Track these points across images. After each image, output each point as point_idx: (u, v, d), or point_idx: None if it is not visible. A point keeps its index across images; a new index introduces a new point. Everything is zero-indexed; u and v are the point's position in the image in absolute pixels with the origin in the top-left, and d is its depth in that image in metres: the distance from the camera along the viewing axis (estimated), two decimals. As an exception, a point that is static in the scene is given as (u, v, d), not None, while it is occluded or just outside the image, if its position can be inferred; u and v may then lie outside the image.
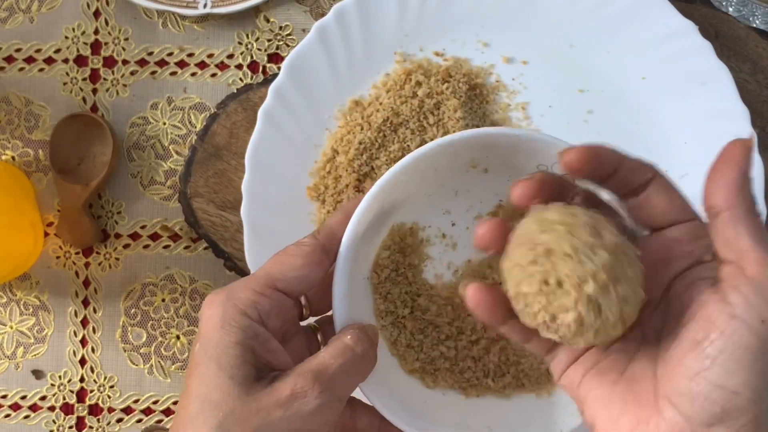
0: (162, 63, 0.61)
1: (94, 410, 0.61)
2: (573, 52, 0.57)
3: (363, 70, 0.57)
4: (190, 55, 0.61)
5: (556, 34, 0.57)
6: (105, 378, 0.60)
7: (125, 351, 0.60)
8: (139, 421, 0.60)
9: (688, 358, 0.28)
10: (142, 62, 0.61)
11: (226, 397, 0.33)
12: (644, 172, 0.32)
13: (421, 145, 0.56)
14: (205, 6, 0.59)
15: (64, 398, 0.61)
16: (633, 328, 0.31)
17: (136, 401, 0.60)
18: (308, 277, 0.39)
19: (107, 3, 0.61)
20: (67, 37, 0.61)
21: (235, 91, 0.60)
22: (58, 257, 0.61)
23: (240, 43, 0.61)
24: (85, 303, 0.61)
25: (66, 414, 0.61)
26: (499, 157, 0.44)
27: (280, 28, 0.61)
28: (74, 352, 0.61)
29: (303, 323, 0.43)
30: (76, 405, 0.61)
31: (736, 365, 0.27)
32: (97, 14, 0.61)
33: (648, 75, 0.57)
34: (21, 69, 0.61)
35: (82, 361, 0.61)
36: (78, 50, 0.61)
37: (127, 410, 0.61)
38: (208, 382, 0.34)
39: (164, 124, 0.61)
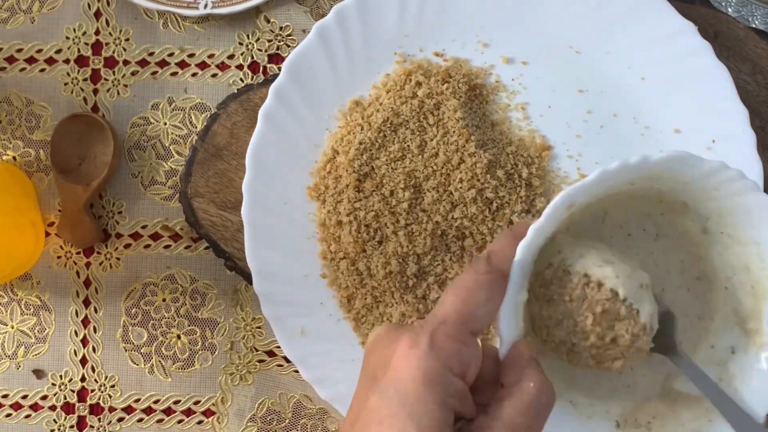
0: (163, 63, 0.61)
1: (95, 410, 0.61)
2: (572, 52, 0.57)
3: (363, 70, 0.58)
4: (191, 55, 0.61)
5: (555, 35, 0.57)
6: (106, 377, 0.61)
7: (126, 350, 0.61)
8: (140, 420, 0.60)
9: None
10: (142, 62, 0.61)
11: None
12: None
13: (421, 145, 0.56)
14: (205, 6, 0.60)
15: (65, 398, 0.61)
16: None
17: (137, 401, 0.61)
18: (494, 311, 0.36)
19: (108, 3, 0.61)
20: (68, 38, 0.61)
21: (236, 91, 0.60)
22: (59, 257, 0.61)
23: (240, 44, 0.61)
24: (86, 303, 0.61)
25: (67, 413, 0.61)
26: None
27: (281, 28, 0.61)
28: (75, 352, 0.61)
29: None
30: (77, 404, 0.61)
31: None
32: (98, 15, 0.61)
33: (647, 75, 0.57)
34: (22, 69, 0.61)
35: (83, 361, 0.61)
36: (79, 50, 0.61)
37: (128, 410, 0.61)
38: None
39: (165, 124, 0.61)
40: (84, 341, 0.61)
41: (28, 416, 0.61)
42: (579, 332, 0.38)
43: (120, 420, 0.61)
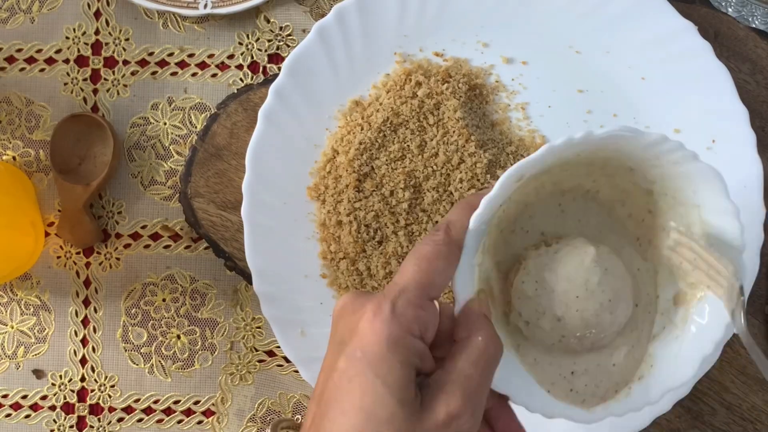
0: (162, 63, 0.61)
1: (95, 410, 0.61)
2: (572, 52, 0.57)
3: (363, 70, 0.58)
4: (191, 55, 0.61)
5: (555, 35, 0.57)
6: (106, 377, 0.61)
7: (126, 350, 0.61)
8: (140, 420, 0.60)
9: None
10: (142, 62, 0.61)
11: (392, 417, 0.35)
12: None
13: (421, 145, 0.56)
14: (205, 6, 0.60)
15: (64, 398, 0.61)
16: None
17: (136, 401, 0.61)
18: (449, 277, 0.39)
19: (108, 3, 0.61)
20: (67, 38, 0.61)
21: (236, 91, 0.60)
22: (58, 257, 0.61)
23: (240, 44, 0.61)
24: (86, 303, 0.61)
25: (67, 413, 0.61)
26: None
27: (281, 28, 0.61)
28: (75, 352, 0.61)
29: None
30: (77, 404, 0.61)
31: None
32: (97, 15, 0.61)
33: (647, 75, 0.57)
34: (22, 69, 0.61)
35: (83, 361, 0.61)
36: (79, 50, 0.61)
37: (128, 410, 0.61)
38: (374, 398, 0.35)
39: (165, 124, 0.61)
40: (84, 341, 0.61)
41: (27, 416, 0.61)
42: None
43: (120, 420, 0.61)
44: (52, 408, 0.61)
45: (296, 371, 0.59)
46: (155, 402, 0.60)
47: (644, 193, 0.45)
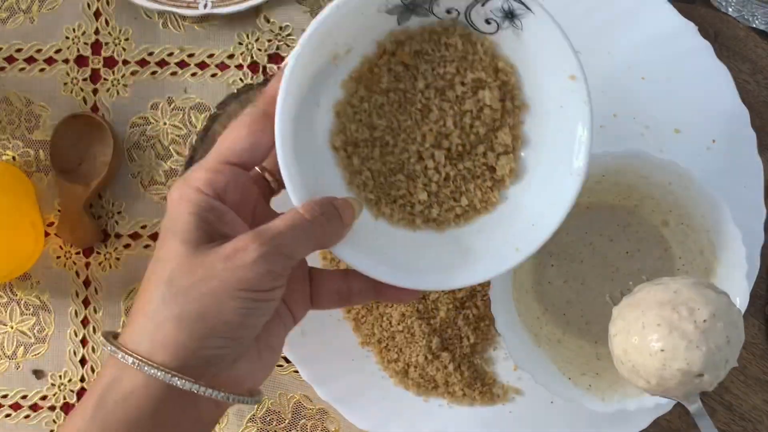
0: (162, 63, 0.61)
1: (95, 410, 0.61)
2: (573, 52, 0.57)
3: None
4: (191, 55, 0.61)
5: (555, 35, 0.57)
6: (105, 378, 0.60)
7: (126, 351, 0.60)
8: (140, 420, 0.60)
9: None
10: (142, 62, 0.61)
11: (175, 254, 0.37)
12: None
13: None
14: (205, 6, 0.60)
15: (64, 398, 0.61)
16: None
17: (136, 401, 0.60)
18: (258, 145, 0.40)
19: (108, 3, 0.61)
20: (67, 38, 0.61)
21: (236, 91, 0.60)
22: (58, 257, 0.61)
23: (240, 44, 0.61)
24: (86, 303, 0.61)
25: (66, 414, 0.61)
26: None
27: (281, 28, 0.61)
28: (75, 352, 0.61)
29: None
30: (77, 405, 0.61)
31: None
32: (97, 14, 0.61)
33: (647, 75, 0.57)
34: (22, 69, 0.61)
35: (83, 361, 0.61)
36: (78, 50, 0.61)
37: (128, 410, 0.61)
38: (162, 246, 0.38)
39: (165, 124, 0.61)
40: (83, 341, 0.61)
41: (27, 416, 0.61)
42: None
43: (120, 420, 0.60)
44: (52, 408, 0.61)
45: (296, 371, 0.59)
46: (155, 402, 0.60)
47: (661, 225, 0.53)
